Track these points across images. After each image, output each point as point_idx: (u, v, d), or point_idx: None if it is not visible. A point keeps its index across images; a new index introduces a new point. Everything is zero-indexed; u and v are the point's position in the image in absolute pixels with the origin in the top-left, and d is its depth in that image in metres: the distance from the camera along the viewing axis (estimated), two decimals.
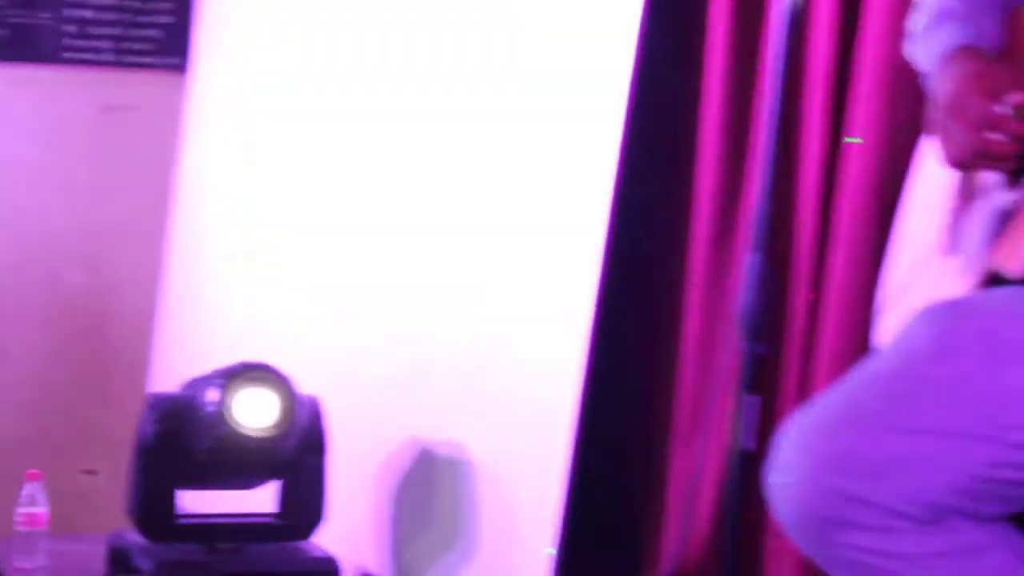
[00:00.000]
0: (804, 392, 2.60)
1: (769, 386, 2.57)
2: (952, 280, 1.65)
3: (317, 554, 3.06)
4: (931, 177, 1.82)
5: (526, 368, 3.14)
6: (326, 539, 3.11)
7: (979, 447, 1.44)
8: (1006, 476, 1.44)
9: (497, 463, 3.16)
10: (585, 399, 2.90)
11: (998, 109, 1.50)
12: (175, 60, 4.38)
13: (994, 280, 1.58)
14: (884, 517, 1.45)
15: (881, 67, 2.47)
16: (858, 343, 2.31)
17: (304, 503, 3.01)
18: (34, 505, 3.20)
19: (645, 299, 3.12)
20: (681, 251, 3.07)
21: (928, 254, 1.77)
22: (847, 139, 2.68)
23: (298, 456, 2.93)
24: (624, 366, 3.06)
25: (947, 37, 1.67)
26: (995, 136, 1.52)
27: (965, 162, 1.61)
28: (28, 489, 3.25)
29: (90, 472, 3.97)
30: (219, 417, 2.76)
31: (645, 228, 3.08)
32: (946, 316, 1.58)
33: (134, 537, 3.00)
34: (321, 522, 3.04)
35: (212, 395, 2.82)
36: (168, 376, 3.95)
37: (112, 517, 3.18)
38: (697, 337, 2.93)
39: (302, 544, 3.04)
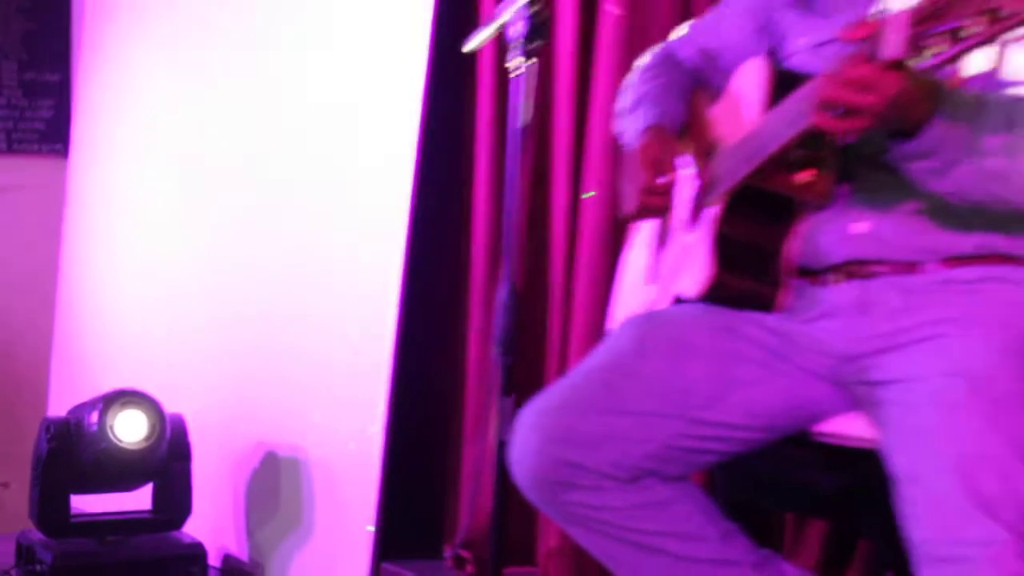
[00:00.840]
0: None
1: (530, 387, 3.01)
2: (653, 301, 2.00)
3: (187, 541, 3.32)
4: (642, 225, 2.18)
5: (345, 382, 3.33)
6: (193, 529, 3.37)
7: (669, 424, 1.72)
8: (688, 445, 1.74)
9: (327, 459, 3.34)
10: (393, 405, 3.14)
11: (660, 180, 1.81)
12: (57, 146, 4.79)
13: (679, 300, 1.89)
14: (596, 479, 1.72)
15: (607, 137, 2.80)
16: None
17: (174, 500, 3.28)
18: None
19: (438, 325, 3.45)
20: (465, 285, 3.39)
21: (638, 282, 2.10)
22: (584, 195, 3.07)
23: (167, 463, 3.19)
24: (423, 378, 3.37)
25: (641, 118, 1.95)
26: (652, 199, 1.84)
27: (630, 217, 1.94)
28: None
29: (3, 484, 4.04)
30: (100, 434, 3.08)
31: (435, 270, 3.37)
32: (644, 323, 1.88)
33: (37, 535, 3.22)
34: (189, 515, 3.31)
35: (94, 417, 3.12)
36: (62, 402, 4.21)
37: (21, 520, 3.37)
38: (477, 351, 3.32)
39: (174, 534, 3.31)
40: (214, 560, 3.49)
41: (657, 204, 1.85)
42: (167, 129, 4.35)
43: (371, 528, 3.12)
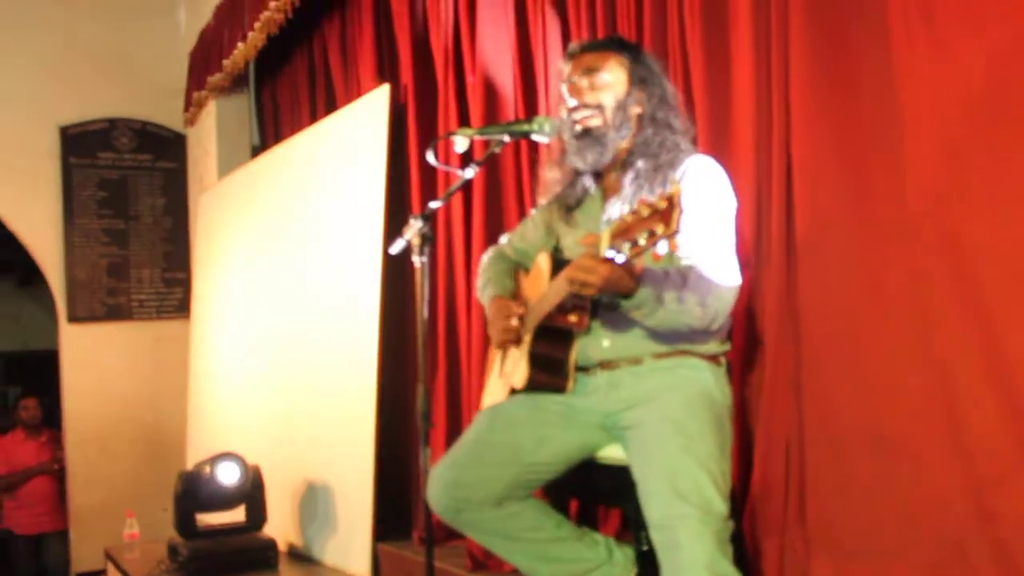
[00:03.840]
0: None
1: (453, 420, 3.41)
2: (501, 391, 2.22)
3: (265, 538, 3.88)
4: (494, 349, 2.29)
5: (346, 431, 3.75)
6: (268, 530, 3.94)
7: (511, 469, 2.03)
8: (526, 479, 2.04)
9: (342, 481, 3.78)
10: (378, 442, 3.55)
11: (511, 322, 2.10)
12: (184, 313, 5.99)
13: (513, 391, 2.13)
14: (475, 506, 2.02)
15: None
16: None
17: (256, 514, 3.90)
18: (132, 528, 4.31)
19: (397, 400, 3.78)
20: (411, 372, 3.45)
21: (496, 378, 2.31)
22: None
23: (251, 492, 3.87)
24: (392, 429, 3.72)
25: (489, 292, 2.25)
26: (509, 335, 2.11)
27: (499, 345, 2.19)
28: (128, 521, 4.36)
29: (164, 509, 4.43)
30: (211, 479, 3.76)
31: (394, 366, 3.73)
32: (492, 412, 2.15)
33: (178, 539, 3.83)
34: (265, 522, 3.89)
35: (207, 469, 3.80)
36: (194, 458, 4.88)
37: (169, 530, 3.93)
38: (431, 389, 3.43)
39: (257, 534, 3.90)
40: (282, 548, 4.01)
41: (510, 338, 2.12)
42: (235, 297, 5.12)
43: (370, 521, 3.56)
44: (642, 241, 1.54)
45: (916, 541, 1.91)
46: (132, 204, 6.25)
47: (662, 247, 1.55)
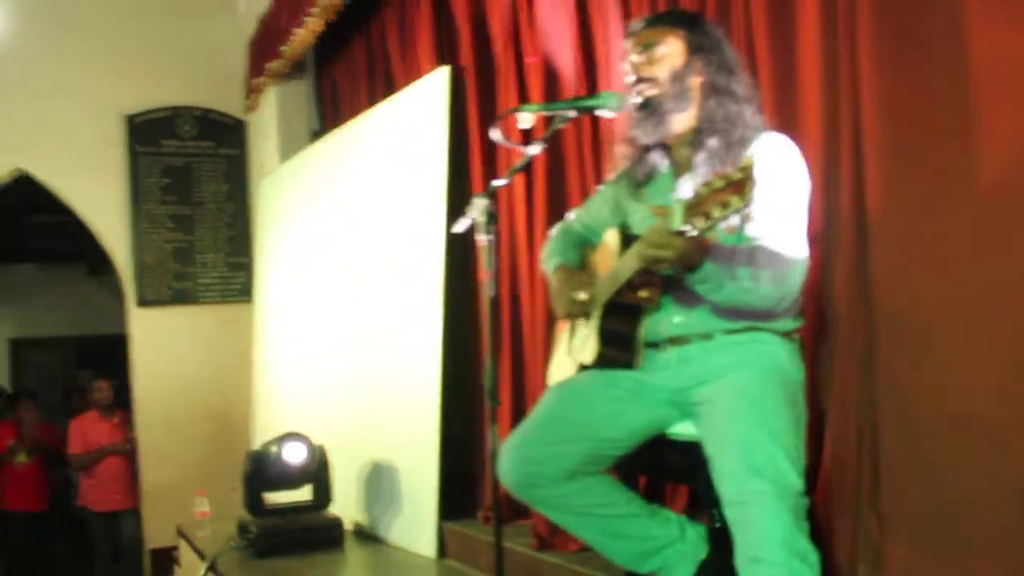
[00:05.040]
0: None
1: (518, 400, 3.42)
2: (570, 367, 2.22)
3: (331, 516, 3.97)
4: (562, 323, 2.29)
5: (410, 408, 3.84)
6: (334, 509, 4.03)
7: (584, 444, 2.03)
8: (598, 454, 2.04)
9: (407, 460, 3.85)
10: (443, 425, 3.62)
11: (578, 295, 2.09)
12: (247, 297, 6.12)
13: (583, 367, 2.14)
14: (548, 481, 2.02)
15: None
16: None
17: (322, 493, 3.96)
18: (202, 507, 4.43)
19: (465, 374, 3.79)
20: (477, 353, 3.71)
21: (563, 355, 2.31)
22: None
23: (317, 472, 3.92)
24: (458, 408, 3.74)
25: (554, 262, 2.24)
26: (576, 308, 2.11)
27: (566, 316, 2.18)
28: (199, 499, 4.49)
29: (232, 488, 4.41)
30: (277, 458, 3.84)
31: (460, 343, 3.78)
32: (563, 386, 2.16)
33: (248, 517, 3.92)
34: (331, 501, 3.95)
35: (274, 448, 3.88)
36: (260, 438, 4.92)
37: (239, 508, 4.02)
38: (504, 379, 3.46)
39: (323, 512, 3.98)
40: (348, 527, 4.07)
41: (575, 311, 2.13)
42: (298, 279, 5.22)
43: (436, 501, 3.62)
44: (716, 213, 1.54)
45: (992, 525, 1.86)
46: (196, 190, 6.39)
47: (735, 220, 1.55)
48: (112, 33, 6.09)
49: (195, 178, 6.40)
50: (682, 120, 2.03)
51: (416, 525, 3.78)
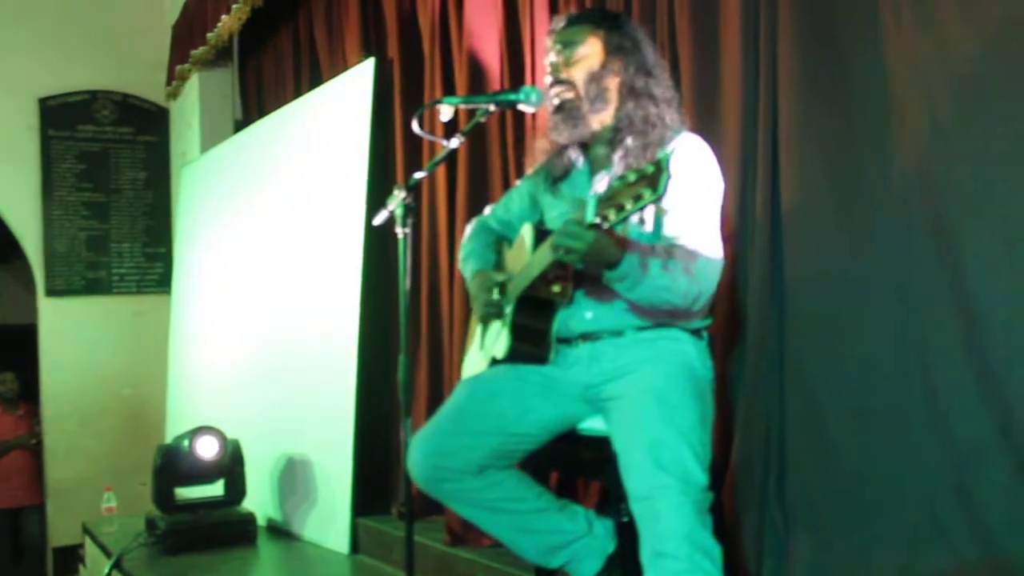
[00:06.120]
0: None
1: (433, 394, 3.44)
2: (482, 362, 2.22)
3: (244, 512, 3.90)
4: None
5: (326, 405, 3.79)
6: (247, 504, 3.98)
7: (493, 438, 2.02)
8: (507, 448, 2.03)
9: (320, 456, 3.83)
10: (358, 422, 3.61)
11: (494, 296, 2.12)
12: (165, 288, 6.00)
13: (494, 361, 2.14)
14: (456, 475, 2.00)
15: None
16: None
17: (236, 488, 3.92)
18: (110, 503, 4.28)
19: (379, 366, 3.75)
20: (393, 347, 3.54)
21: (475, 350, 2.32)
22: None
23: (231, 466, 3.88)
24: (373, 404, 3.74)
25: (472, 266, 2.26)
26: (491, 310, 2.13)
27: (483, 319, 2.19)
28: (107, 494, 4.34)
29: (142, 484, 4.57)
30: (190, 453, 3.79)
31: (376, 335, 3.70)
32: (474, 380, 2.16)
33: (157, 513, 3.86)
34: (244, 496, 3.90)
35: (186, 443, 3.82)
36: (172, 432, 4.94)
37: (148, 505, 3.96)
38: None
39: (237, 508, 3.93)
40: (261, 523, 4.05)
41: (492, 311, 2.15)
42: (218, 270, 5.14)
43: (349, 496, 3.61)
44: (628, 206, 1.54)
45: (895, 518, 1.92)
46: (113, 177, 6.21)
47: (648, 213, 1.56)
48: (28, 12, 5.91)
49: (112, 164, 6.23)
50: (599, 120, 2.05)
51: (330, 521, 3.75)
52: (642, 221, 1.85)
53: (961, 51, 1.84)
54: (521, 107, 2.18)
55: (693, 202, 1.90)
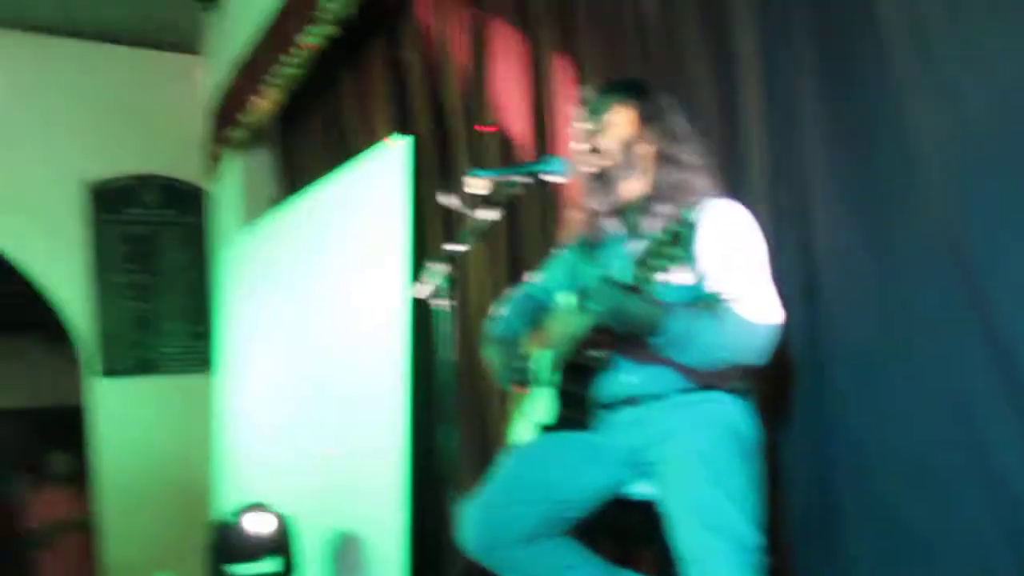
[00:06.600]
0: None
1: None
2: (527, 430, 2.18)
3: None
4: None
5: (374, 481, 3.72)
6: None
7: (543, 506, 2.02)
8: (557, 516, 2.03)
9: (375, 523, 3.75)
10: (411, 477, 3.53)
11: (519, 363, 2.14)
12: (208, 367, 5.93)
13: (540, 428, 2.13)
14: (509, 544, 2.01)
15: None
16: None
17: (287, 565, 3.92)
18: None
19: (429, 454, 3.60)
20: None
21: (521, 416, 2.25)
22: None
23: (282, 543, 3.91)
24: (421, 478, 3.65)
25: (495, 336, 2.28)
26: (516, 375, 2.16)
27: (511, 383, 2.17)
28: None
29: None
30: (241, 529, 3.83)
31: (422, 418, 3.62)
32: (524, 449, 2.15)
33: None
34: (296, 572, 3.83)
35: (238, 519, 3.86)
36: (220, 511, 4.85)
37: None
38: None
39: None
40: None
41: (518, 378, 2.19)
42: (265, 350, 5.15)
43: (402, 570, 3.52)
44: (662, 266, 1.58)
45: (949, 571, 1.93)
46: (157, 258, 6.30)
47: (683, 274, 1.60)
48: (72, 101, 6.11)
49: (157, 246, 6.34)
50: (632, 188, 2.09)
51: None
52: (680, 282, 1.87)
53: (971, 106, 1.89)
54: (546, 177, 2.20)
55: (734, 260, 1.92)
